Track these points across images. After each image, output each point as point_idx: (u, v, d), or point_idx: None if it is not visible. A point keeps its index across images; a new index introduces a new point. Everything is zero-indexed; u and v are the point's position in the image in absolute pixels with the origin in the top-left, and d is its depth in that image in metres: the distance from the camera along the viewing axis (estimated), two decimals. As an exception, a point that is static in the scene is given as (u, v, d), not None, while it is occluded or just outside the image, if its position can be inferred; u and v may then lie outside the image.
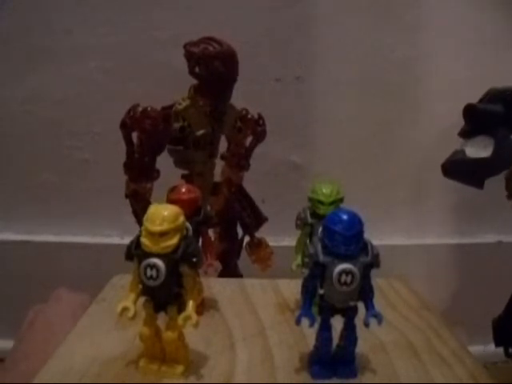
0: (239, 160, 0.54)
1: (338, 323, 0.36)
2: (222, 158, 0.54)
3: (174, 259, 0.34)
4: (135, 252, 0.34)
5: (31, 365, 0.42)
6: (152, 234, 0.33)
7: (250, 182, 0.57)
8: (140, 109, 0.47)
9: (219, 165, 0.55)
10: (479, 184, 0.45)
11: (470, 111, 0.45)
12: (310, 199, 0.45)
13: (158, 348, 0.36)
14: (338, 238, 0.33)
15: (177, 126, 0.49)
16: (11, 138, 0.73)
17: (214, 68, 0.48)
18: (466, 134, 0.46)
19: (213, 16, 0.67)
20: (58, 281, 0.56)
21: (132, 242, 0.35)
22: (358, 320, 0.35)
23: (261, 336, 0.42)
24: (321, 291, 0.35)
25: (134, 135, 0.48)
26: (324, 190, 0.44)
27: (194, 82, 0.50)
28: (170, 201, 0.42)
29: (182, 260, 0.34)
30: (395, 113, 0.72)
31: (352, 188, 0.46)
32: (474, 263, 0.72)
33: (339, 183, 0.45)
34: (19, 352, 0.48)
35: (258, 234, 0.58)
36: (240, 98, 0.68)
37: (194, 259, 0.34)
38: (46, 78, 0.70)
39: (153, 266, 0.33)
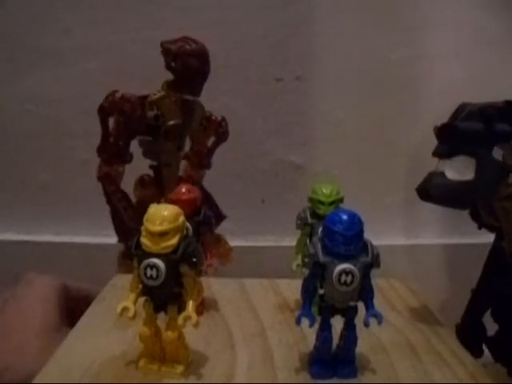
0: (201, 159, 0.56)
1: (338, 323, 0.36)
2: (185, 157, 0.56)
3: (174, 259, 0.34)
4: (135, 252, 0.34)
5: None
6: (152, 234, 0.33)
7: (250, 182, 0.57)
8: (119, 94, 0.49)
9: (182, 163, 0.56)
10: (463, 207, 0.44)
11: (447, 131, 0.42)
12: (310, 199, 0.45)
13: (158, 348, 0.36)
14: (338, 238, 0.33)
15: (151, 114, 0.51)
16: (11, 137, 0.72)
17: (189, 64, 0.51)
18: (443, 154, 0.42)
19: (213, 16, 0.67)
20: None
21: (132, 242, 0.35)
22: (358, 320, 0.35)
23: (261, 336, 0.42)
24: (321, 291, 0.35)
25: (111, 121, 0.50)
26: (324, 190, 0.44)
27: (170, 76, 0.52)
28: (170, 201, 0.42)
29: (181, 260, 0.34)
30: (395, 113, 0.71)
31: (352, 188, 0.46)
32: (474, 263, 0.71)
33: (339, 183, 0.45)
34: None
35: (256, 235, 0.58)
36: (240, 98, 0.69)
37: (194, 259, 0.34)
38: (46, 77, 0.70)
39: (153, 266, 0.33)
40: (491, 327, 0.46)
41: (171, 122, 0.52)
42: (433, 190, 0.42)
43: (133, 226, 0.53)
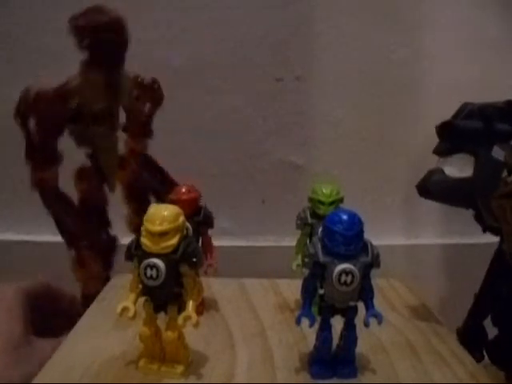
0: (141, 128, 0.52)
1: (338, 323, 0.36)
2: (124, 129, 0.52)
3: (174, 259, 0.34)
4: (135, 252, 0.34)
5: None
6: (152, 234, 0.33)
7: (250, 182, 0.57)
8: (32, 93, 0.46)
9: (122, 138, 0.53)
10: (461, 204, 0.44)
11: (448, 129, 0.43)
12: (310, 199, 0.45)
13: (158, 348, 0.36)
14: (338, 238, 0.33)
15: (73, 104, 0.48)
16: (11, 137, 0.72)
17: (103, 39, 0.47)
18: (443, 152, 0.43)
19: (212, 16, 0.67)
20: (58, 281, 0.56)
21: (132, 242, 0.35)
22: (358, 320, 0.35)
23: (261, 336, 0.42)
24: (321, 291, 0.35)
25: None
26: (324, 190, 0.44)
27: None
28: (170, 201, 0.42)
29: (181, 260, 0.34)
30: (395, 113, 0.72)
31: (352, 188, 0.46)
32: (474, 263, 0.71)
33: (339, 183, 0.45)
34: None
35: (256, 235, 0.58)
36: (240, 98, 0.69)
37: (194, 259, 0.34)
38: (46, 77, 0.70)
39: (153, 266, 0.33)
40: (490, 332, 0.46)
41: (97, 107, 0.48)
42: (432, 187, 0.43)
43: (81, 234, 0.50)
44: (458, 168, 0.42)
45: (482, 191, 0.42)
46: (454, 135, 0.42)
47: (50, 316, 0.48)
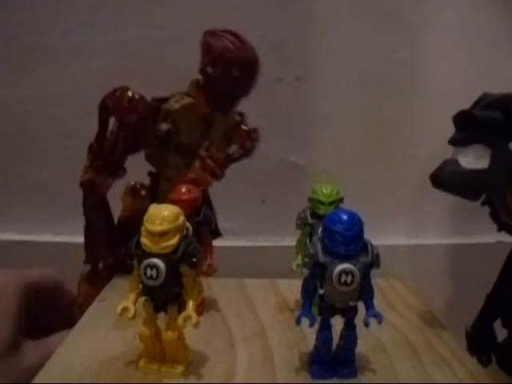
0: (215, 166, 0.46)
1: (338, 323, 0.36)
2: (199, 158, 0.48)
3: (174, 259, 0.34)
4: (135, 252, 0.34)
5: None
6: (152, 234, 0.33)
7: (250, 182, 0.57)
8: (129, 95, 0.41)
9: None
10: (474, 197, 0.42)
11: (465, 118, 0.41)
12: (310, 199, 0.45)
13: (158, 348, 0.36)
14: (338, 238, 0.33)
15: (164, 127, 0.43)
16: (11, 137, 0.72)
17: (230, 74, 0.42)
18: (459, 142, 0.41)
19: (213, 16, 0.67)
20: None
21: (132, 242, 0.35)
22: (358, 320, 0.35)
23: (261, 336, 0.42)
24: (321, 291, 0.35)
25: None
26: (324, 190, 0.44)
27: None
28: (170, 201, 0.42)
29: (182, 260, 0.34)
30: (395, 113, 0.71)
31: (352, 188, 0.46)
32: (474, 263, 0.72)
33: (339, 183, 0.45)
34: None
35: (256, 235, 0.58)
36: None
37: (194, 259, 0.34)
38: (46, 77, 0.70)
39: (153, 266, 0.33)
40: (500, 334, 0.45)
41: (187, 140, 0.44)
42: (445, 177, 0.41)
43: (104, 254, 0.46)
44: (474, 159, 0.40)
45: (496, 185, 0.41)
46: (470, 125, 0.41)
47: (46, 311, 0.48)
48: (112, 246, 0.48)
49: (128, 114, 0.41)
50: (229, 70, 0.42)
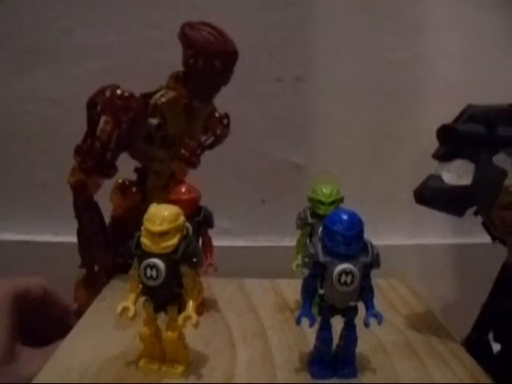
0: (189, 155, 0.47)
1: (338, 323, 0.36)
2: (179, 158, 0.48)
3: (174, 259, 0.34)
4: (135, 252, 0.34)
5: None
6: (152, 234, 0.33)
7: (250, 182, 0.57)
8: (120, 93, 0.41)
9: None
10: (459, 213, 0.41)
11: (447, 132, 0.40)
12: (310, 199, 0.45)
13: (158, 348, 0.36)
14: (338, 238, 0.33)
15: (154, 122, 0.43)
16: (11, 137, 0.72)
17: (213, 65, 0.43)
18: (442, 156, 0.40)
19: (213, 16, 0.67)
20: (58, 281, 0.56)
21: (132, 242, 0.35)
22: (358, 320, 0.35)
23: (261, 336, 0.42)
24: (321, 291, 0.35)
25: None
26: (324, 190, 0.44)
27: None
28: (170, 201, 0.42)
29: (182, 260, 0.34)
30: (395, 113, 0.71)
31: (352, 188, 0.46)
32: (474, 263, 0.71)
33: (339, 183, 0.45)
34: None
35: (256, 235, 0.58)
36: (240, 99, 0.68)
37: (194, 259, 0.34)
38: (46, 77, 0.70)
39: (153, 266, 0.33)
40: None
41: (173, 131, 0.45)
42: (428, 194, 0.40)
43: (100, 254, 0.46)
44: (457, 174, 0.39)
45: (481, 200, 0.40)
46: (453, 139, 0.40)
47: (41, 321, 0.47)
48: (107, 246, 0.48)
49: (123, 112, 0.41)
50: (211, 61, 0.43)
